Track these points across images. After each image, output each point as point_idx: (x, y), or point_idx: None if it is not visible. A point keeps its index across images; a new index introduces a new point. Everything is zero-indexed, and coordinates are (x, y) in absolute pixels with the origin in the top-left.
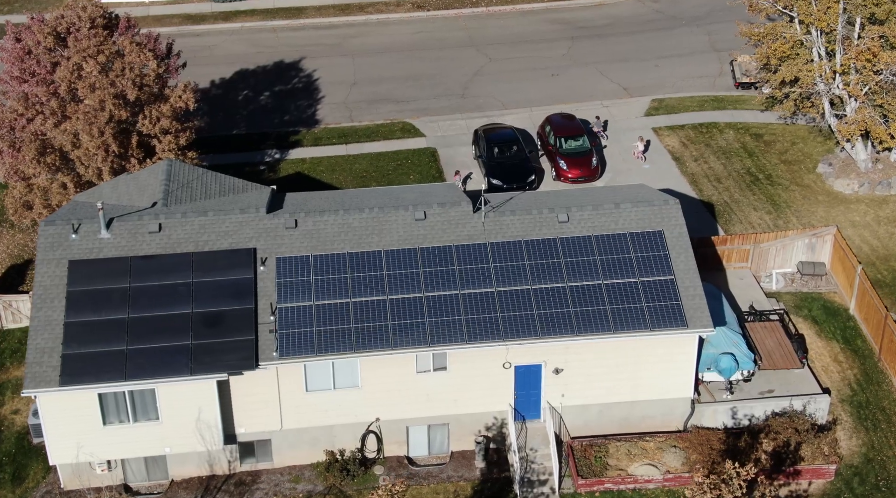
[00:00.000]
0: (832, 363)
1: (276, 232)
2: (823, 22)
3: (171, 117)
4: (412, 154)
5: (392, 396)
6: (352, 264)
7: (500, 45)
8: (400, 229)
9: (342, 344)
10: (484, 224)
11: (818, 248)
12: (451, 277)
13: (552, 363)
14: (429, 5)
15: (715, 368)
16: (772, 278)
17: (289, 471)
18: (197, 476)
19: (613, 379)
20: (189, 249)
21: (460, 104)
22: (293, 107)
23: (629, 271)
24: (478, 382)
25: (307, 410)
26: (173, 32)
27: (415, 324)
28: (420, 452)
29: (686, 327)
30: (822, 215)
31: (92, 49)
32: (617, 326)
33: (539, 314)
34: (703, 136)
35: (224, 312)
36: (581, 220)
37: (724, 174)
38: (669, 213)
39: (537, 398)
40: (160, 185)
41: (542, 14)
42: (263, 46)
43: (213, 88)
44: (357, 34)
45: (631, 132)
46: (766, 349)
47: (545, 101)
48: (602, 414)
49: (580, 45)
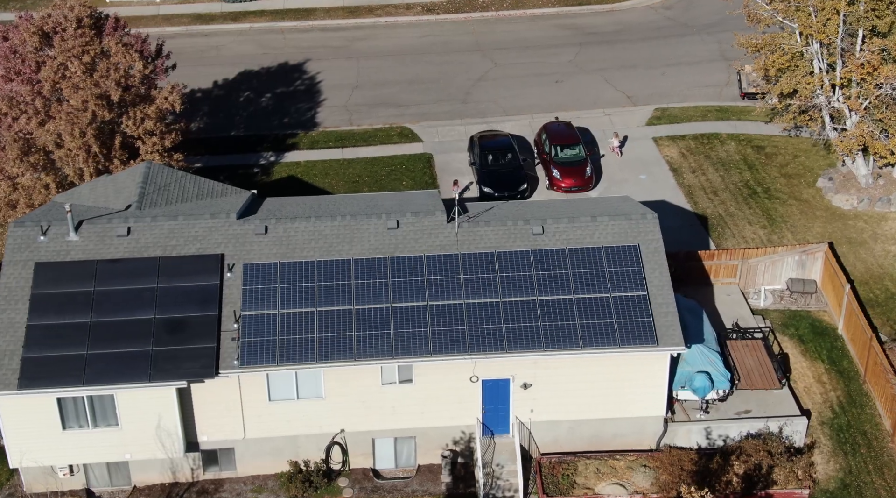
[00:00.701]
0: (815, 384)
1: (245, 238)
2: (823, 34)
3: (156, 119)
4: (407, 160)
5: (357, 408)
6: (320, 273)
7: (507, 50)
8: (371, 238)
9: (305, 354)
10: (457, 234)
11: (808, 265)
12: (420, 288)
13: (520, 378)
14: (438, 9)
15: (689, 386)
16: (760, 295)
17: (252, 480)
18: (160, 483)
19: (583, 395)
20: (157, 253)
21: (461, 110)
22: (293, 109)
23: (601, 286)
24: (444, 395)
25: (270, 420)
26: (181, 32)
27: (380, 335)
28: (387, 464)
29: (656, 345)
30: (819, 231)
31: (77, 49)
32: (586, 341)
33: (507, 328)
34: (704, 147)
35: (187, 318)
36: (556, 232)
37: (721, 187)
38: (646, 228)
39: (506, 413)
40: (136, 187)
41: (552, 19)
42: (270, 47)
43: (215, 89)
44: (364, 37)
45: (631, 142)
46: (746, 368)
47: (547, 108)
48: (572, 431)
49: (587, 52)
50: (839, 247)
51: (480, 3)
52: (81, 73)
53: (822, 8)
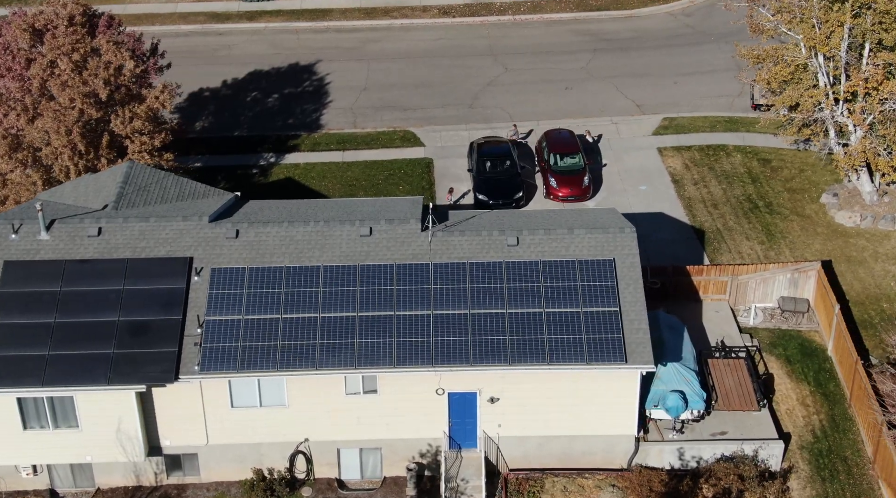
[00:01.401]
0: (799, 407)
1: (216, 242)
2: (826, 46)
3: (145, 118)
4: (406, 164)
5: (321, 417)
6: (288, 279)
7: (519, 55)
8: (343, 245)
9: (267, 362)
10: (430, 243)
11: (801, 283)
12: (389, 298)
13: (487, 392)
14: (454, 12)
15: (662, 405)
16: (750, 313)
17: (216, 487)
18: (123, 486)
19: (552, 411)
20: (126, 254)
21: (467, 115)
22: (299, 110)
23: (573, 301)
24: (410, 406)
25: (233, 427)
26: (196, 30)
27: (344, 344)
28: (352, 475)
29: (625, 362)
30: (818, 248)
31: (67, 47)
32: (553, 357)
33: (474, 341)
34: (709, 158)
35: (151, 321)
36: (531, 244)
37: (722, 200)
38: (624, 242)
39: (473, 427)
40: (116, 187)
41: (568, 25)
42: (282, 48)
43: (223, 88)
44: (378, 38)
45: (636, 151)
46: (725, 388)
47: (554, 114)
48: (542, 447)
49: (601, 58)
50: (838, 265)
51: (497, 7)
52: (70, 70)
53: (826, 20)
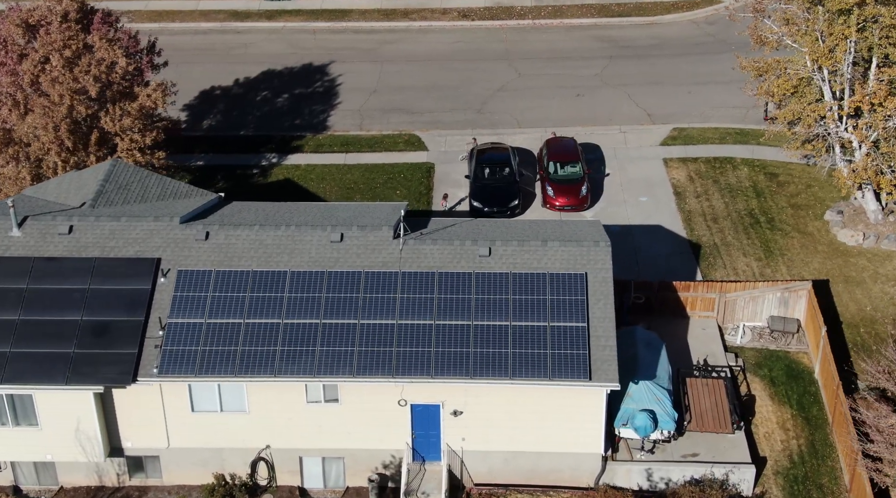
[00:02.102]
0: (778, 430)
1: (185, 243)
2: (829, 60)
3: (136, 116)
4: (407, 168)
5: (282, 425)
6: (254, 283)
7: (534, 61)
8: (312, 250)
9: (226, 367)
10: (401, 251)
11: (792, 303)
12: (354, 306)
13: (451, 405)
14: (474, 15)
15: (631, 424)
16: (738, 331)
17: (177, 490)
18: (86, 486)
19: (516, 427)
20: (95, 253)
21: (475, 119)
22: (307, 111)
23: (541, 315)
24: (372, 417)
25: (194, 431)
26: (215, 28)
27: (305, 352)
28: (315, 484)
29: (589, 380)
30: (817, 267)
31: (59, 43)
32: (516, 372)
33: (437, 352)
34: (715, 171)
35: (113, 322)
36: (503, 255)
37: (723, 214)
38: (597, 256)
39: (437, 439)
40: (96, 185)
41: (589, 30)
42: (298, 48)
43: (234, 87)
44: (395, 40)
45: (641, 161)
46: (700, 409)
47: (563, 122)
48: (507, 462)
49: (616, 66)
50: (835, 285)
51: (518, 11)
52: (61, 67)
53: (831, 33)
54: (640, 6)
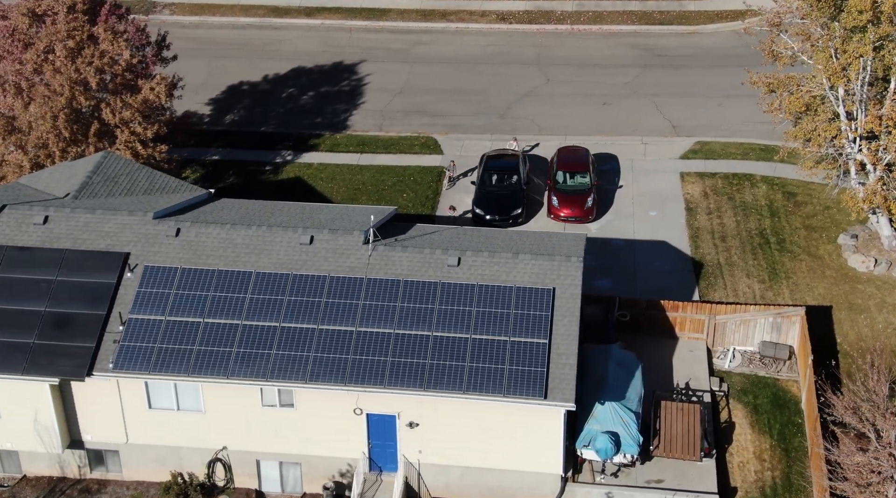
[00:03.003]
0: (754, 460)
1: (156, 239)
2: (842, 79)
3: (138, 109)
4: (418, 171)
5: (238, 427)
6: (218, 282)
7: (566, 67)
8: (281, 252)
9: (181, 366)
10: (370, 257)
11: (784, 329)
12: (315, 310)
13: (406, 416)
14: (512, 18)
15: (592, 446)
16: (728, 355)
17: (136, 486)
18: (48, 476)
19: (474, 442)
20: (67, 245)
21: (496, 124)
22: (329, 110)
23: (503, 329)
24: (328, 424)
25: (152, 428)
26: (253, 23)
27: (260, 354)
28: (272, 488)
29: (543, 398)
30: (822, 293)
31: (63, 33)
32: (471, 386)
33: (393, 362)
34: (732, 187)
35: (75, 314)
36: (472, 266)
37: (733, 232)
38: (567, 271)
39: (394, 450)
40: (83, 176)
41: (626, 37)
42: (332, 46)
43: (262, 83)
44: (429, 41)
45: (657, 174)
46: (671, 434)
47: (584, 130)
48: (464, 478)
49: (648, 75)
50: (838, 312)
51: (557, 16)
52: (64, 57)
53: (845, 50)
54: (684, 15)
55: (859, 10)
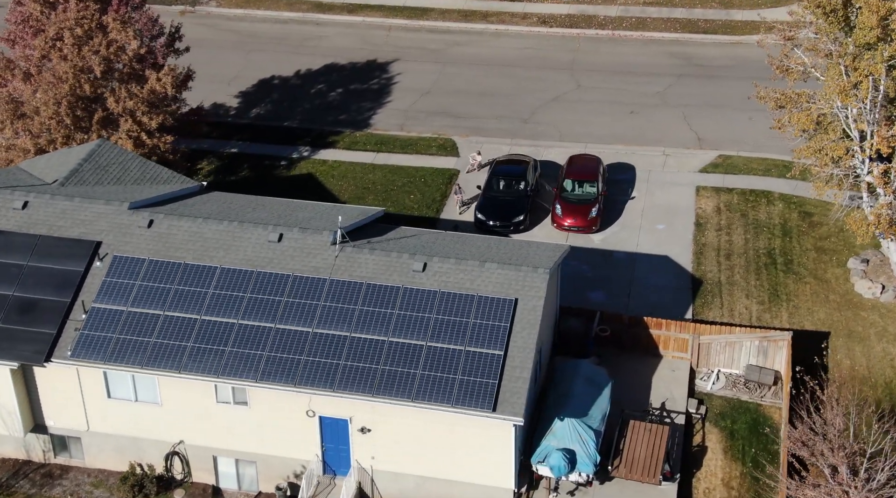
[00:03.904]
0: (721, 487)
1: (128, 229)
2: (850, 97)
3: (143, 99)
4: (430, 173)
5: (194, 421)
6: (183, 276)
7: (598, 73)
8: (249, 248)
9: (136, 357)
10: (336, 258)
11: (771, 353)
12: (275, 309)
13: (359, 421)
14: (553, 21)
15: (546, 462)
16: (711, 377)
17: (97, 474)
18: (14, 458)
19: (427, 451)
20: (42, 231)
21: (518, 129)
22: (355, 107)
23: (459, 338)
24: (282, 424)
25: (111, 417)
26: (296, 18)
27: (215, 351)
28: (230, 484)
29: (492, 411)
30: (822, 318)
31: (71, 21)
32: (420, 394)
33: (346, 366)
34: (747, 204)
35: (40, 300)
36: (437, 272)
37: (739, 251)
38: (532, 283)
39: (347, 455)
40: (74, 163)
41: (667, 45)
42: (369, 43)
43: (293, 78)
44: (465, 42)
45: (672, 187)
46: (633, 455)
47: (606, 138)
48: (419, 487)
49: (681, 84)
50: (836, 338)
51: (599, 20)
52: (71, 45)
53: (856, 68)
54: (730, 24)
55: (869, 27)
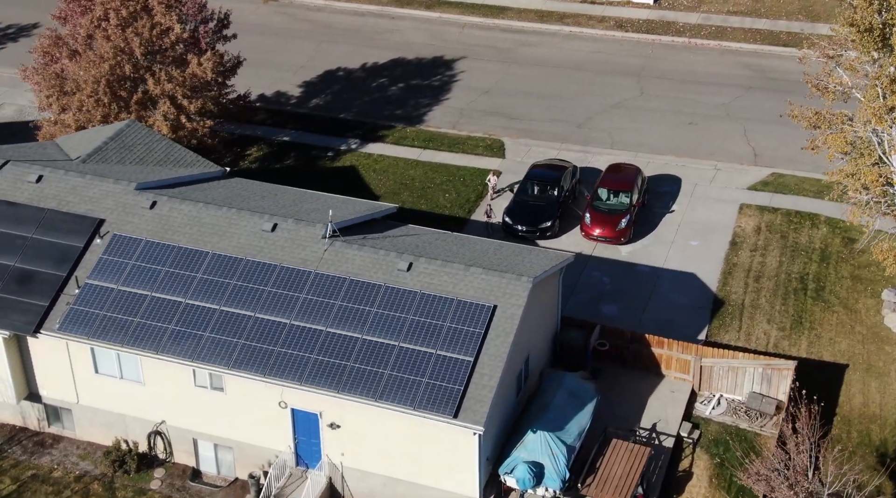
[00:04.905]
0: None
1: (132, 209)
2: (884, 121)
3: (182, 82)
4: (470, 173)
5: (175, 403)
6: (175, 259)
7: (666, 81)
8: (242, 236)
9: (119, 336)
10: (325, 252)
11: (775, 381)
12: (257, 298)
13: (328, 416)
14: (630, 26)
15: (513, 474)
16: (712, 401)
17: (86, 446)
18: (11, 424)
19: (394, 452)
20: (52, 205)
21: (570, 134)
22: (411, 103)
23: (432, 341)
24: (255, 413)
25: (98, 392)
26: (373, 10)
27: (194, 335)
28: (209, 468)
29: (453, 417)
30: (843, 349)
31: (117, 2)
32: (385, 395)
33: (316, 360)
34: (790, 226)
35: (39, 273)
36: (422, 273)
37: (770, 273)
38: (513, 290)
39: (318, 449)
40: (100, 141)
41: (743, 56)
42: (440, 40)
43: (358, 71)
44: (536, 43)
45: (715, 203)
46: (607, 474)
47: (659, 148)
48: (386, 487)
49: (749, 97)
50: (853, 372)
51: (678, 27)
52: (115, 25)
53: (893, 91)
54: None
55: None
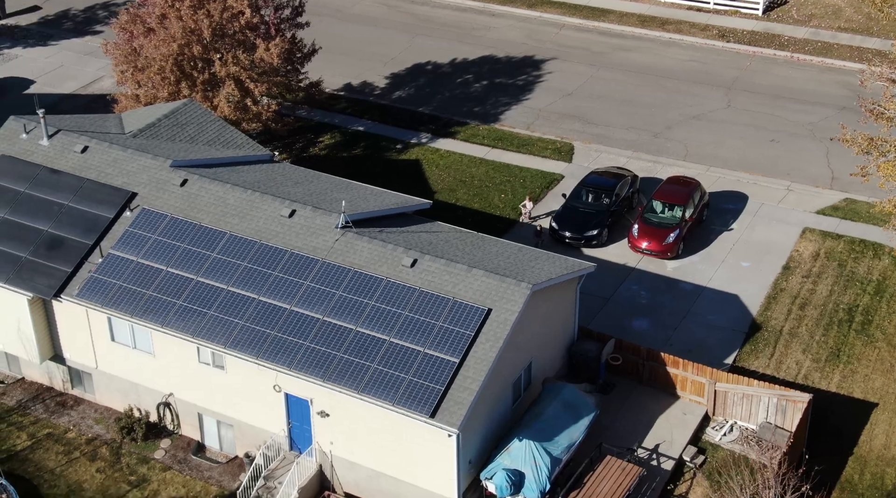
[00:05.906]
0: None
1: (164, 185)
2: None
3: (247, 66)
4: (532, 175)
5: (181, 377)
6: (194, 237)
7: (756, 95)
8: (261, 219)
9: (131, 307)
10: (336, 241)
11: (790, 413)
12: (264, 281)
13: (319, 404)
14: (732, 36)
15: (493, 480)
16: (723, 428)
17: (104, 411)
18: (39, 383)
19: (379, 446)
20: (91, 176)
21: (644, 142)
22: (491, 101)
23: (422, 339)
24: (254, 395)
25: (114, 359)
26: (473, 7)
27: (199, 312)
28: (213, 443)
29: (430, 417)
30: (876, 387)
31: None
32: (367, 388)
33: (308, 347)
34: (851, 255)
35: (67, 239)
36: (425, 270)
37: (818, 302)
38: (510, 295)
39: (310, 435)
40: (154, 118)
41: (845, 74)
42: (535, 39)
43: (445, 66)
44: (632, 48)
45: (778, 224)
46: (593, 491)
47: (733, 164)
48: (372, 480)
49: (839, 118)
50: (882, 412)
51: (782, 41)
52: (188, 6)
53: None
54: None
55: None
